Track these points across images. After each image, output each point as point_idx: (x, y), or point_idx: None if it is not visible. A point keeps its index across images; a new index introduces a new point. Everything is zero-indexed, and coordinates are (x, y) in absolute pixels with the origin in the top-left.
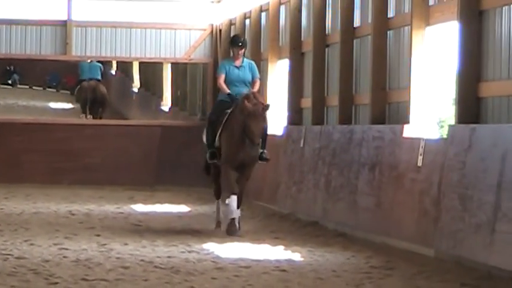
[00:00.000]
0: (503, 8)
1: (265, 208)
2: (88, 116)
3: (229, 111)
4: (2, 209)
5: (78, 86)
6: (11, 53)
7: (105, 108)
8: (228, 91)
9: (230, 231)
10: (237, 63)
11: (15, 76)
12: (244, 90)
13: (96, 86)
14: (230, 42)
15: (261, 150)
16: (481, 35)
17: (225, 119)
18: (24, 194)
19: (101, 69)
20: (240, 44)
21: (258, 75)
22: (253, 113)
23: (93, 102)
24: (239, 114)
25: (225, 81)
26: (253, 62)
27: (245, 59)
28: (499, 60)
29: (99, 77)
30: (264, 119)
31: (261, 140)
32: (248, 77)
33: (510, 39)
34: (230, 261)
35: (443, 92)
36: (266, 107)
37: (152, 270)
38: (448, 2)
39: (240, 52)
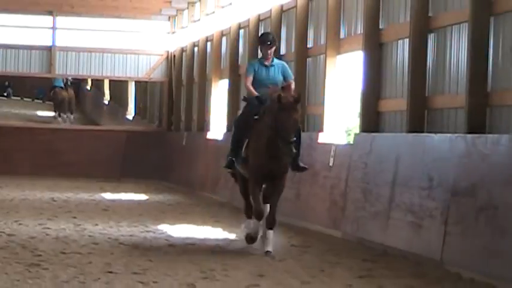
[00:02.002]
0: (398, 41)
1: (208, 197)
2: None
3: (257, 117)
4: None
5: (52, 91)
6: (6, 71)
7: (71, 107)
8: (256, 93)
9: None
10: (267, 62)
11: (10, 90)
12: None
13: (60, 91)
14: (259, 41)
15: (297, 161)
16: (380, 63)
17: (253, 125)
18: (15, 184)
19: (63, 81)
20: (269, 42)
21: (292, 76)
22: (285, 104)
23: (61, 101)
24: (269, 111)
25: (253, 83)
26: (285, 63)
27: (275, 59)
28: (394, 82)
29: (62, 85)
30: (296, 112)
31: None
32: (279, 77)
33: (403, 66)
34: (179, 239)
35: (350, 106)
36: (298, 97)
37: (117, 246)
38: (355, 36)
39: (269, 51)
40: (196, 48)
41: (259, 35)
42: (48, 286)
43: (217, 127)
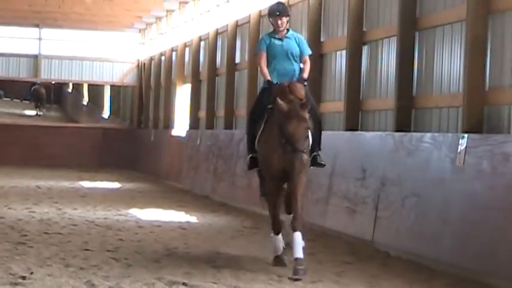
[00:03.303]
0: (337, 52)
1: (172, 185)
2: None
3: (271, 106)
4: None
5: (33, 88)
6: None
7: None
8: (268, 77)
9: (296, 272)
10: (280, 35)
11: (1, 92)
12: (291, 69)
13: (39, 88)
14: (268, 15)
15: (314, 153)
16: (321, 71)
17: (266, 117)
18: (4, 173)
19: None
20: (278, 12)
21: (309, 51)
22: (289, 112)
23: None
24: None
25: (269, 60)
26: (301, 35)
27: (291, 31)
28: (333, 87)
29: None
30: (303, 119)
31: (310, 141)
32: (295, 49)
33: (341, 74)
34: (147, 221)
35: None
36: (305, 103)
37: (93, 227)
38: None
39: (279, 22)
40: (163, 57)
41: (268, 8)
42: (33, 262)
43: (180, 125)
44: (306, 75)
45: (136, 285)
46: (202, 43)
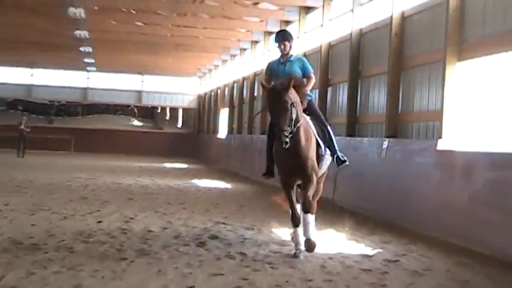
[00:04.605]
0: (340, 84)
1: (217, 167)
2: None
3: None
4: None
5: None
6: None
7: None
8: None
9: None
10: (283, 59)
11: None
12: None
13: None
14: (274, 41)
15: (335, 155)
16: (331, 97)
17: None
18: (117, 159)
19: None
20: (281, 38)
21: (310, 69)
22: (270, 92)
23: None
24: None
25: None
26: (303, 58)
27: (293, 55)
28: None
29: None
30: (282, 97)
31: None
32: (295, 71)
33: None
34: (203, 187)
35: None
36: (286, 83)
37: (172, 190)
38: None
39: (283, 47)
40: (212, 92)
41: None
42: (137, 209)
43: (222, 132)
44: (308, 88)
45: (196, 223)
46: (235, 84)
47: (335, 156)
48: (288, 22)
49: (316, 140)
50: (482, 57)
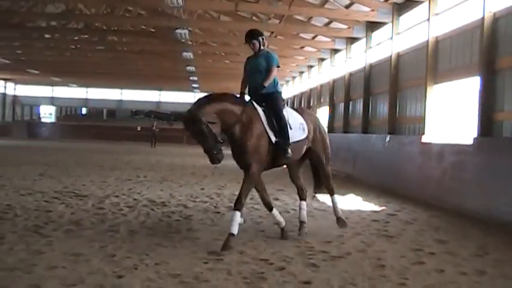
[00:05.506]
0: (357, 100)
1: None
2: None
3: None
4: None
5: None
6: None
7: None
8: (241, 92)
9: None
10: (254, 55)
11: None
12: (257, 82)
13: None
14: (245, 41)
15: (282, 145)
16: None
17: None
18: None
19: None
20: (250, 38)
21: (274, 63)
22: (183, 121)
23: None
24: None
25: (246, 77)
26: (272, 52)
27: (264, 50)
28: (356, 116)
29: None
30: (197, 125)
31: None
32: (262, 64)
33: (360, 110)
34: None
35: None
36: (198, 106)
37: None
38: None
39: (252, 46)
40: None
41: None
42: (226, 180)
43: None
44: (265, 83)
45: (233, 188)
46: (295, 97)
47: (281, 145)
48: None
49: (265, 130)
50: (450, 82)
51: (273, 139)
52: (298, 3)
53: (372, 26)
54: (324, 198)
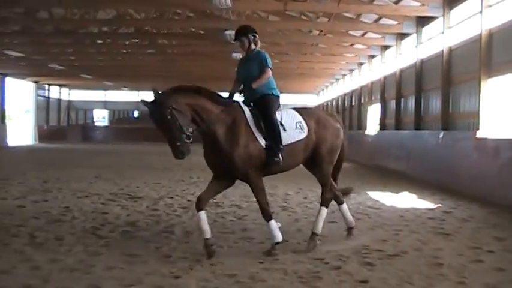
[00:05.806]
0: (391, 101)
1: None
2: None
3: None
4: None
5: None
6: None
7: None
8: (231, 91)
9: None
10: (244, 56)
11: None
12: (248, 83)
13: None
14: (233, 40)
15: (272, 149)
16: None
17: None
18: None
19: None
20: (235, 38)
21: (265, 65)
22: (149, 109)
23: None
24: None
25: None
26: (262, 51)
27: (255, 50)
28: (389, 114)
29: None
30: (162, 113)
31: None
32: (253, 69)
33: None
34: None
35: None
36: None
37: None
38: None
39: (240, 44)
40: (324, 104)
41: None
42: (278, 181)
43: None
44: (254, 85)
45: (286, 187)
46: (339, 98)
47: (271, 149)
48: (350, 70)
49: (252, 132)
50: (505, 75)
51: (262, 142)
52: (347, 0)
53: (423, 20)
54: (378, 195)
